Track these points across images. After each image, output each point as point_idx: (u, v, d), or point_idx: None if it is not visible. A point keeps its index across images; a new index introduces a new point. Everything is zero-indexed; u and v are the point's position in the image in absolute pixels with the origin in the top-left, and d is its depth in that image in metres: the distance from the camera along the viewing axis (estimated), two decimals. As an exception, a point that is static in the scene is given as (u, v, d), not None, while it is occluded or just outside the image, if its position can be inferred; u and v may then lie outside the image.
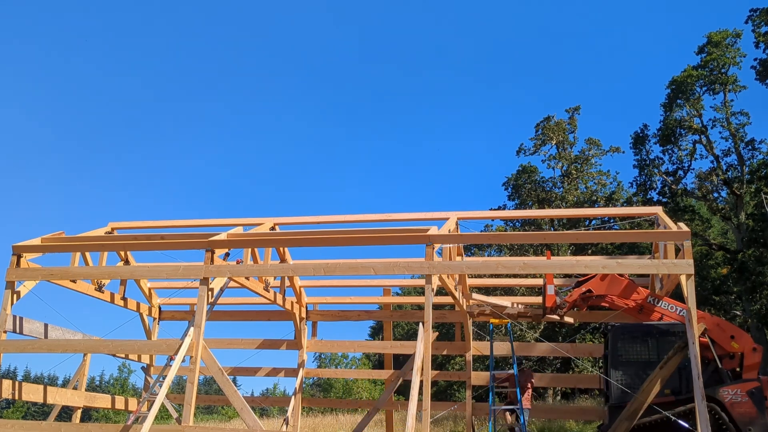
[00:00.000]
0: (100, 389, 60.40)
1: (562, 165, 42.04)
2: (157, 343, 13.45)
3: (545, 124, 42.45)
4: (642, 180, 34.20)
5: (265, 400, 25.97)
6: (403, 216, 14.14)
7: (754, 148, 31.62)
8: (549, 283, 12.18)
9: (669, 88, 32.91)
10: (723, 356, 10.88)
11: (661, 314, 11.40)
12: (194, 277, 12.15)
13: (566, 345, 15.42)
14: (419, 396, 10.75)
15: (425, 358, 10.83)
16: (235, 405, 12.07)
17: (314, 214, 15.25)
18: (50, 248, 13.17)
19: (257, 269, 12.72)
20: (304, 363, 15.96)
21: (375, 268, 11.88)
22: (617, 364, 11.32)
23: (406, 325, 44.92)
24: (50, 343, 12.95)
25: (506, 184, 42.81)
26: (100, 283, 14.31)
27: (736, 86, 31.96)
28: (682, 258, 10.55)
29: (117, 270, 13.97)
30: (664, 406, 10.44)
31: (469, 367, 14.92)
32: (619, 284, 11.72)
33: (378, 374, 21.60)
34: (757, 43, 30.38)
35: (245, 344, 15.97)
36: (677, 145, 33.10)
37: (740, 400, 10.25)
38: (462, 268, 12.20)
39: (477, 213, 15.08)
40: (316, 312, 16.44)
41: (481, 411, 14.45)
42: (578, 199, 39.62)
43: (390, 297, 16.70)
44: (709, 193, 33.09)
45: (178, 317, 16.65)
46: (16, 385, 13.06)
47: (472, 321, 14.63)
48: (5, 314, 12.20)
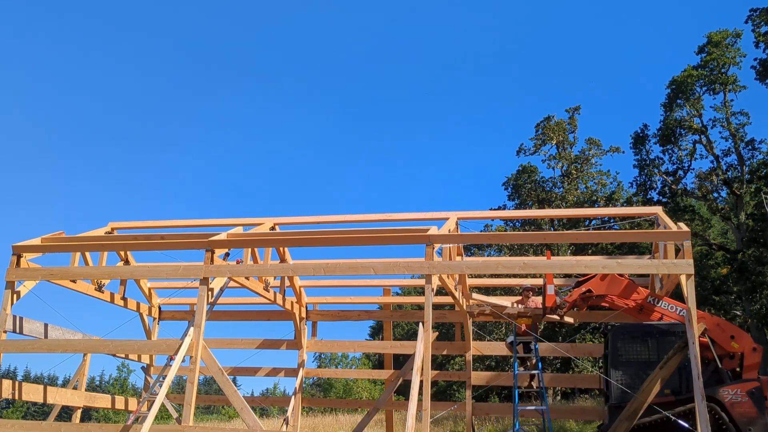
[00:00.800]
0: (100, 389, 60.32)
1: (562, 165, 42.06)
2: (157, 343, 13.45)
3: (545, 124, 42.49)
4: (642, 180, 34.22)
5: (265, 400, 25.99)
6: (403, 216, 14.13)
7: (754, 148, 31.66)
8: (549, 283, 12.17)
9: (669, 88, 32.93)
10: (723, 356, 10.86)
11: (661, 314, 11.39)
12: (194, 277, 12.14)
13: (566, 345, 15.42)
14: (419, 396, 10.75)
15: (425, 358, 10.83)
16: (235, 405, 12.06)
17: (314, 214, 15.25)
18: (50, 248, 13.16)
19: (257, 269, 12.72)
20: (304, 363, 15.95)
21: (375, 268, 11.87)
22: (617, 364, 11.31)
23: (406, 325, 44.92)
24: (50, 343, 12.94)
25: (506, 184, 42.86)
26: (100, 283, 14.30)
27: (736, 86, 31.99)
28: (682, 258, 10.54)
29: (117, 270, 13.96)
30: (664, 406, 10.43)
31: (469, 367, 14.92)
32: (619, 284, 11.71)
33: (378, 374, 21.58)
34: (757, 43, 30.40)
35: (245, 344, 15.97)
36: (677, 145, 33.12)
37: (740, 400, 10.24)
38: (462, 268, 12.20)
39: (477, 213, 15.07)
40: (316, 312, 16.43)
41: (481, 411, 14.44)
42: (578, 199, 39.64)
43: (390, 297, 16.69)
44: (709, 193, 33.10)
45: (178, 317, 16.64)
46: (16, 385, 13.04)
47: (472, 321, 14.64)
48: (5, 314, 12.19)
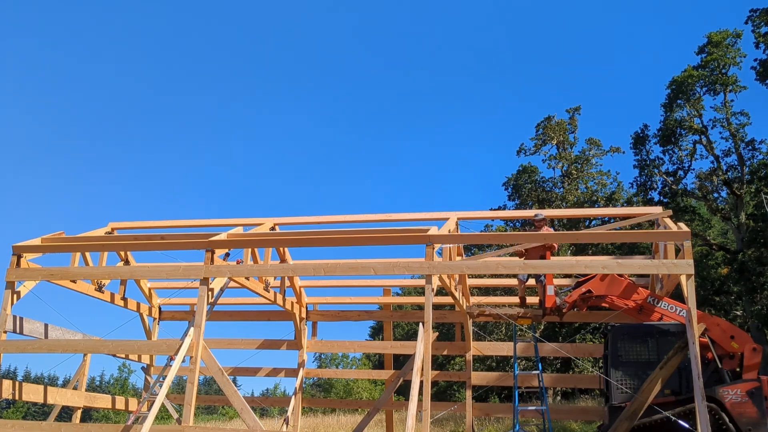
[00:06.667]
0: (100, 389, 60.35)
1: (562, 165, 42.04)
2: (157, 344, 13.44)
3: (546, 124, 42.46)
4: (642, 180, 34.20)
5: (265, 401, 25.95)
6: (403, 216, 14.13)
7: (755, 148, 31.65)
8: (549, 283, 12.17)
9: (669, 88, 32.92)
10: (723, 356, 10.86)
11: (661, 314, 11.38)
12: (194, 277, 12.13)
13: (567, 345, 15.42)
14: (419, 396, 10.74)
15: (425, 359, 10.83)
16: (236, 405, 12.07)
17: (314, 214, 15.27)
18: (50, 248, 13.16)
19: (257, 269, 12.71)
20: (304, 363, 15.95)
21: (375, 268, 11.86)
22: (617, 365, 11.30)
23: (406, 325, 44.88)
24: (50, 343, 12.94)
25: (506, 184, 42.83)
26: (100, 283, 14.30)
27: (736, 86, 31.98)
28: (682, 258, 10.54)
29: (117, 270, 13.96)
30: (664, 407, 10.43)
31: (469, 367, 14.92)
32: (619, 284, 11.70)
33: (378, 374, 21.59)
34: (757, 43, 30.39)
35: (245, 344, 15.98)
36: (677, 145, 33.11)
37: (740, 400, 10.23)
38: (462, 268, 12.19)
39: (477, 213, 15.05)
40: (316, 312, 16.43)
41: (481, 411, 14.43)
42: (578, 199, 39.61)
43: (390, 297, 16.68)
44: (710, 194, 33.09)
45: (178, 317, 16.64)
46: (16, 385, 13.04)
47: (472, 321, 14.64)
48: (5, 314, 12.19)
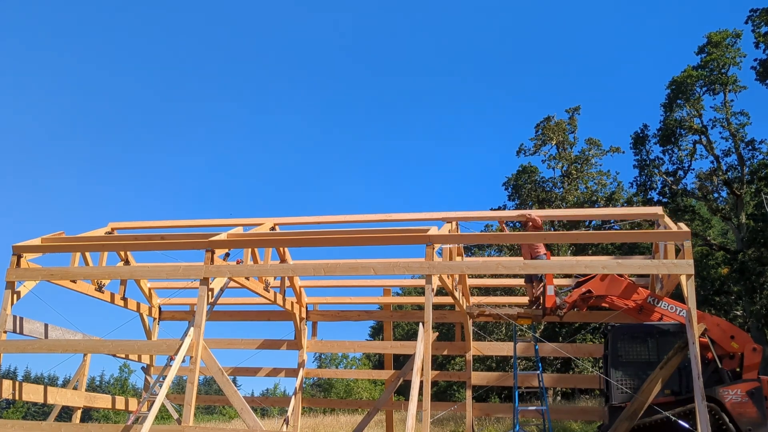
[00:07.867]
0: (100, 389, 60.35)
1: (562, 165, 42.05)
2: (157, 344, 13.44)
3: (545, 124, 42.48)
4: (642, 180, 34.20)
5: (265, 401, 25.93)
6: (403, 216, 14.10)
7: (755, 148, 31.66)
8: (549, 283, 12.16)
9: (669, 88, 32.93)
10: (723, 356, 10.86)
11: (661, 314, 11.38)
12: (194, 277, 12.12)
13: (567, 345, 15.42)
14: (419, 396, 10.74)
15: (425, 359, 10.82)
16: (236, 405, 12.06)
17: (314, 214, 15.25)
18: (50, 248, 13.15)
19: (257, 269, 12.71)
20: (304, 363, 15.95)
21: (375, 268, 11.86)
22: (617, 365, 11.30)
23: (406, 325, 44.88)
24: (50, 344, 12.93)
25: (506, 184, 42.83)
26: (100, 283, 14.29)
27: (736, 86, 32.00)
28: (682, 258, 10.54)
29: (117, 270, 13.95)
30: (664, 407, 10.43)
31: (469, 367, 14.92)
32: (619, 284, 11.70)
33: (378, 374, 21.56)
34: (757, 43, 30.41)
35: (245, 344, 15.97)
36: (677, 145, 33.12)
37: (740, 400, 10.23)
38: (462, 268, 12.19)
39: (477, 213, 15.02)
40: (316, 312, 16.43)
41: (481, 411, 14.43)
42: (578, 199, 39.62)
43: (390, 297, 16.67)
44: (710, 194, 33.11)
45: (178, 317, 16.63)
46: (16, 386, 13.02)
47: (472, 321, 14.64)
48: (5, 314, 12.18)
